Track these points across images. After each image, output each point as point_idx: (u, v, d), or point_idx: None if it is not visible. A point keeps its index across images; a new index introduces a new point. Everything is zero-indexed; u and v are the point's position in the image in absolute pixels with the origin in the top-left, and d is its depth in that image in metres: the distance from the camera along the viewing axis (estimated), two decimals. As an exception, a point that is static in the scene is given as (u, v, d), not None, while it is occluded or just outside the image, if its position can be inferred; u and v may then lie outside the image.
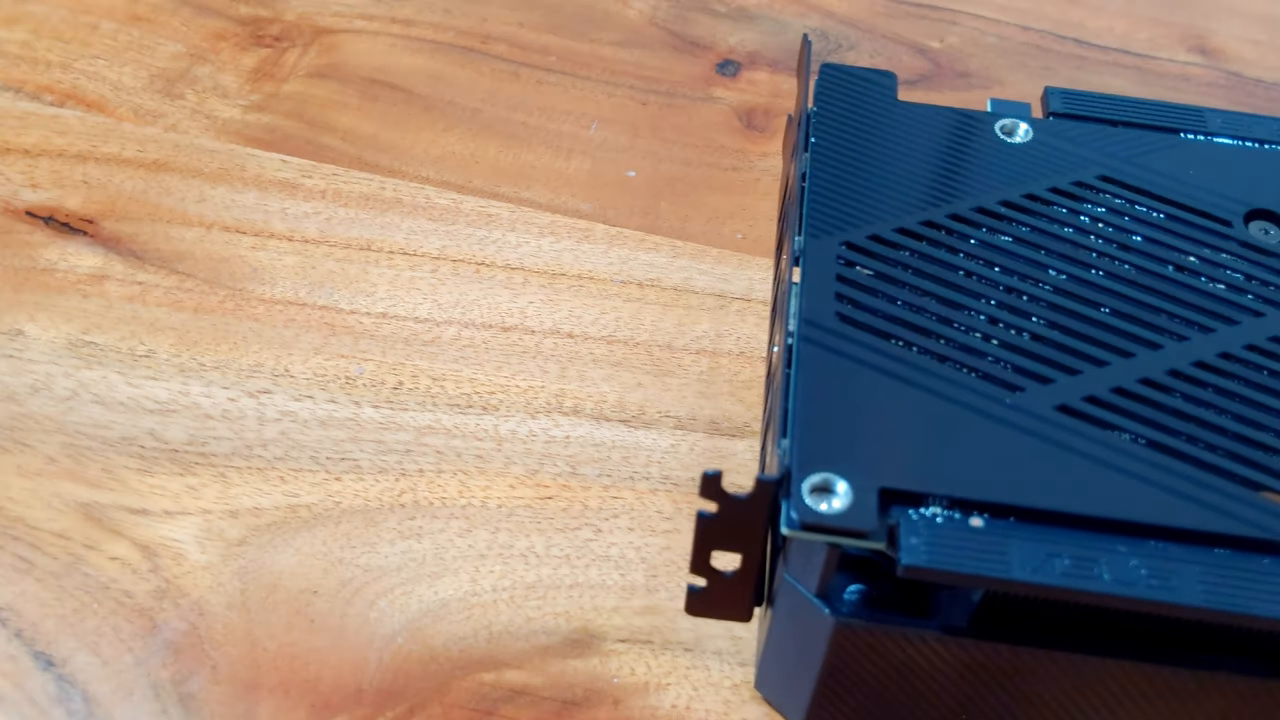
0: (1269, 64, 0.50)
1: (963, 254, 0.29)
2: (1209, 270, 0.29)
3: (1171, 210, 0.30)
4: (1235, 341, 0.28)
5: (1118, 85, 0.48)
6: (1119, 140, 0.32)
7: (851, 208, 0.30)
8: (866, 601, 0.26)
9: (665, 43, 0.48)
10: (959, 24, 0.50)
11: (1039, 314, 0.28)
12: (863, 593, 0.27)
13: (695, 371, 0.37)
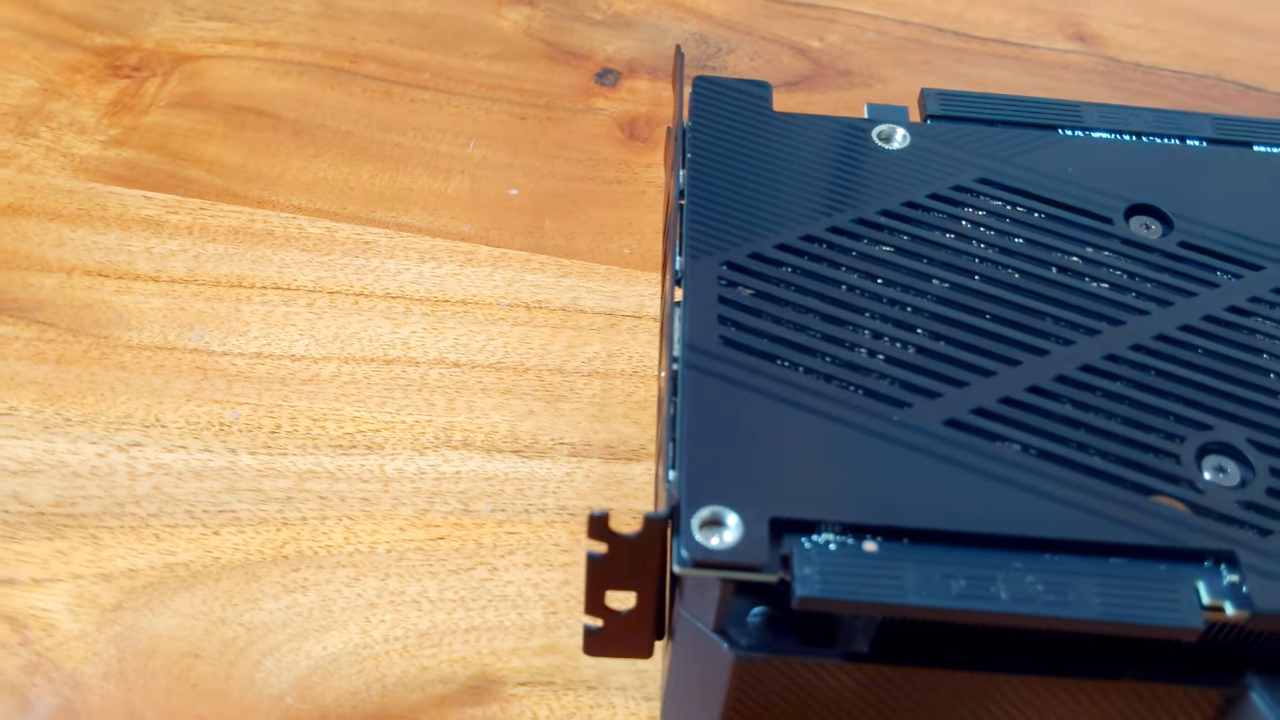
0: (1146, 47, 0.50)
1: (844, 268, 0.29)
2: (1092, 270, 0.29)
3: (1052, 210, 0.30)
4: (1121, 342, 0.28)
5: (998, 76, 0.48)
6: (997, 141, 0.32)
7: (731, 226, 0.29)
8: (768, 629, 0.26)
9: (542, 54, 0.47)
10: (838, 21, 0.49)
11: (924, 326, 0.28)
12: (765, 616, 0.26)
13: (588, 395, 0.36)
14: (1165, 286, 0.29)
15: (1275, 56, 0.51)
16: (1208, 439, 0.26)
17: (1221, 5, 0.53)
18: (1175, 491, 0.25)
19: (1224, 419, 0.26)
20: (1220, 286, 0.29)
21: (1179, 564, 0.24)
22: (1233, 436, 0.26)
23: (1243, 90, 0.49)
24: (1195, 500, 0.25)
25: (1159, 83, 0.49)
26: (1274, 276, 0.29)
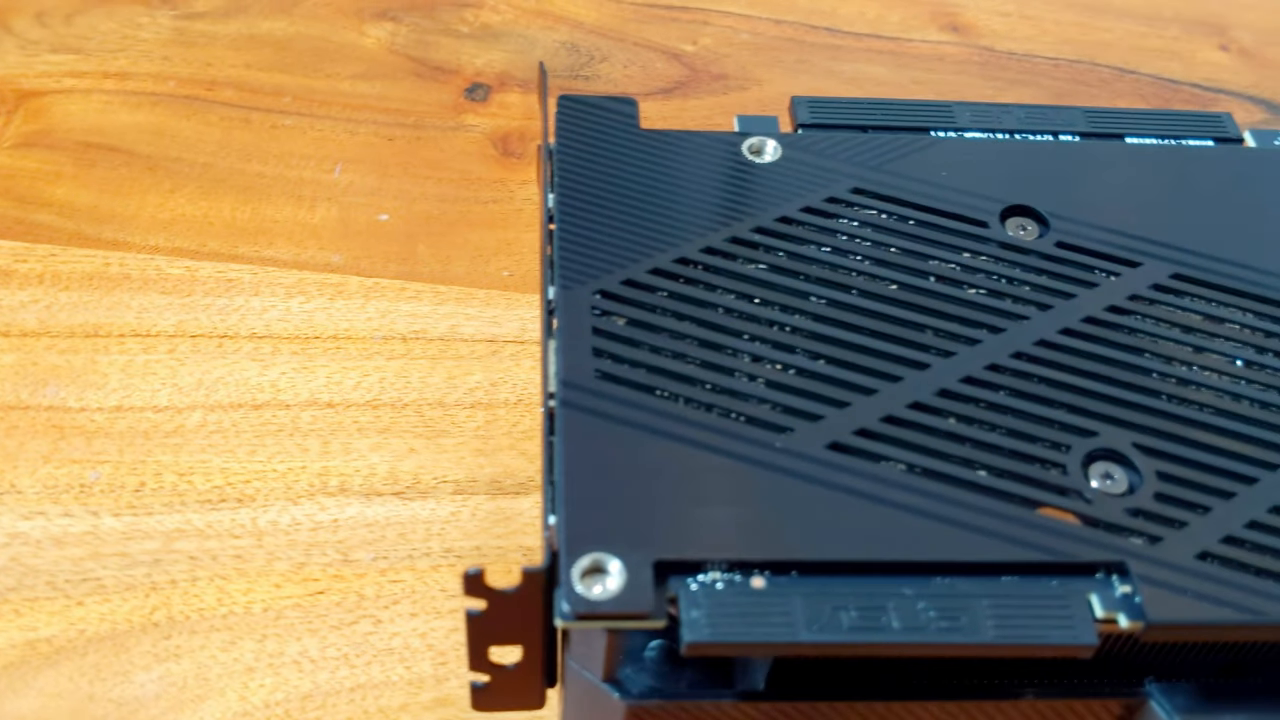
0: (1019, 35, 0.51)
1: (720, 289, 0.28)
2: (969, 277, 0.29)
3: (927, 217, 0.30)
4: (1002, 351, 0.27)
5: (873, 73, 0.48)
6: (870, 147, 0.31)
7: (603, 251, 0.28)
8: (664, 664, 0.25)
9: (408, 71, 0.46)
10: (711, 24, 0.49)
11: (803, 345, 0.27)
12: (663, 650, 0.26)
13: (471, 428, 0.35)
14: (1044, 290, 0.29)
15: (1147, 38, 0.51)
16: (1094, 446, 0.26)
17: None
18: (1063, 503, 0.25)
19: (1109, 424, 0.26)
20: (1099, 286, 0.29)
21: (1071, 578, 0.24)
22: (1118, 442, 0.26)
23: (1116, 74, 0.49)
24: (1084, 511, 0.25)
25: (1033, 70, 0.49)
26: (1152, 273, 0.29)
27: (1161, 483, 0.25)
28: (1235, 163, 0.32)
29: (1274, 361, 0.28)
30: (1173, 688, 0.26)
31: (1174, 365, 0.28)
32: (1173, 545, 0.24)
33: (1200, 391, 0.27)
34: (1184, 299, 0.29)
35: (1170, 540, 0.24)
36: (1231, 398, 0.27)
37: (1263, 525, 0.25)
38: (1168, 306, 0.29)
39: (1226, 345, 0.28)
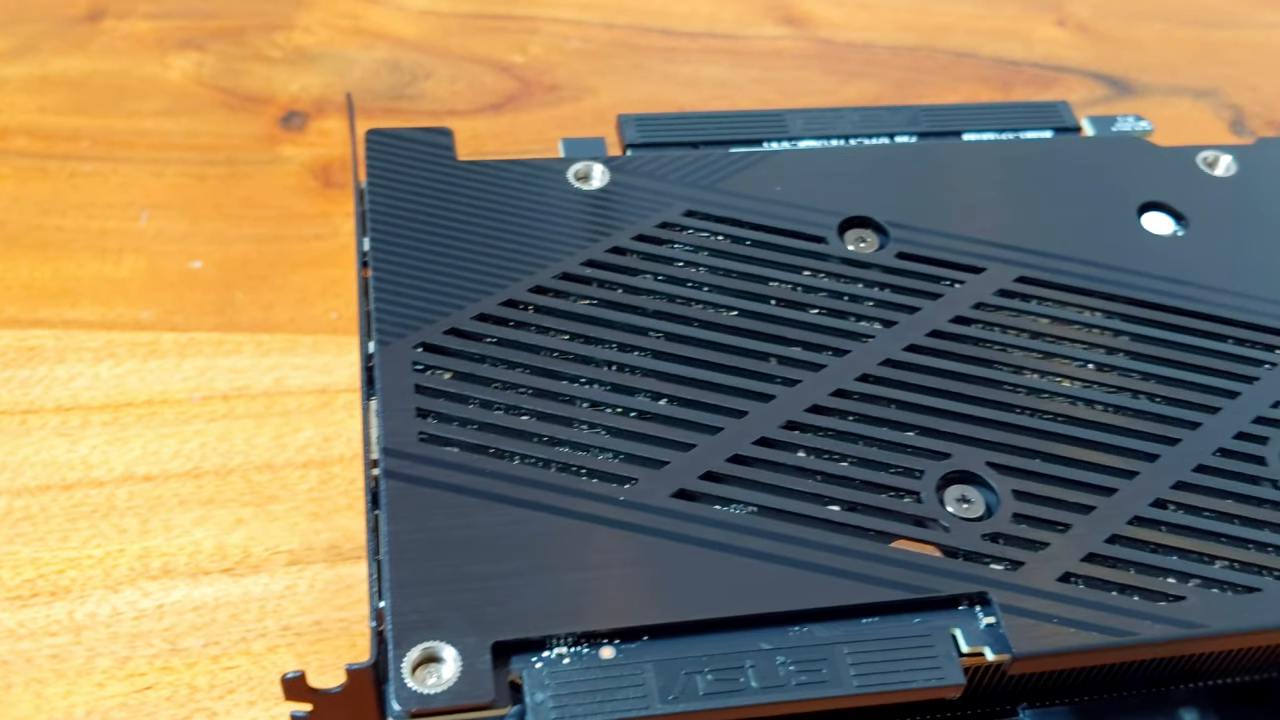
0: (857, 24, 0.50)
1: (552, 331, 0.27)
2: (811, 298, 0.28)
3: (763, 237, 0.29)
4: (847, 374, 0.27)
5: (711, 73, 0.47)
6: (701, 165, 0.30)
7: (424, 299, 0.27)
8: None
9: (218, 103, 0.43)
10: (540, 31, 0.48)
11: (644, 386, 0.26)
12: (522, 718, 0.24)
13: (303, 490, 0.33)
14: (887, 305, 0.28)
15: (985, 19, 0.52)
16: (948, 469, 0.25)
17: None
18: (920, 534, 0.24)
19: (961, 444, 0.26)
20: (943, 297, 0.28)
21: (934, 613, 0.23)
22: (972, 462, 0.25)
23: (956, 58, 0.49)
24: (942, 541, 0.24)
25: (873, 60, 0.49)
26: (996, 278, 0.29)
27: (1019, 502, 0.25)
28: (1073, 153, 0.32)
29: (1124, 361, 0.28)
30: (1046, 713, 0.25)
31: (1024, 375, 0.27)
32: (1034, 569, 0.24)
33: (1052, 400, 0.27)
34: (1030, 302, 0.29)
35: (1032, 564, 0.24)
36: (1084, 404, 0.27)
37: (1124, 538, 0.25)
38: (1014, 312, 0.28)
39: (1076, 348, 0.28)
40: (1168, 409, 0.27)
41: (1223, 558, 0.25)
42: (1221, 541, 0.25)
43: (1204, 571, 0.24)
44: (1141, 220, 0.31)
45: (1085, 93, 0.49)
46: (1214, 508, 0.25)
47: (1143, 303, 0.29)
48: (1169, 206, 0.31)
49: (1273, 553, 0.25)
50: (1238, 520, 0.25)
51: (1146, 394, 0.27)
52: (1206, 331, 0.28)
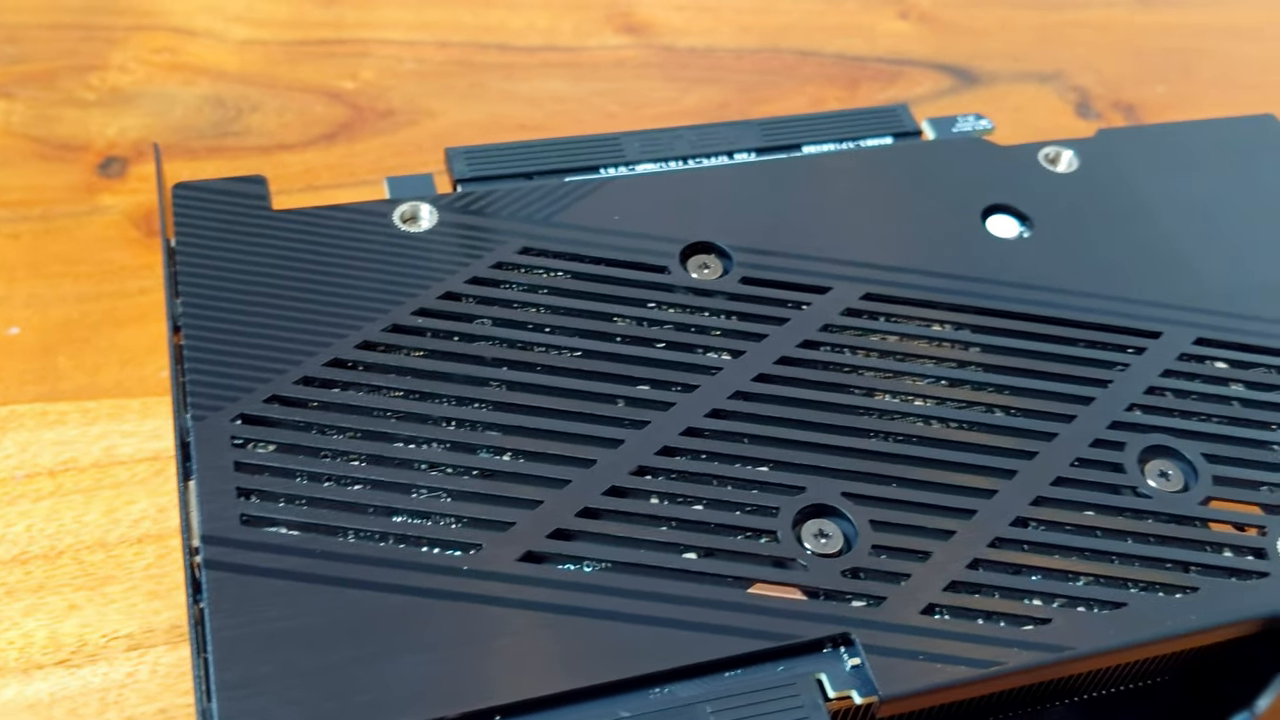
0: (699, 29, 0.49)
1: (383, 390, 0.25)
2: (656, 332, 0.27)
3: (603, 271, 0.28)
4: (696, 411, 0.26)
5: (552, 88, 0.46)
6: (536, 198, 0.29)
7: (242, 365, 0.25)
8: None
9: (29, 153, 0.41)
10: (371, 54, 0.46)
11: (485, 442, 0.25)
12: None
13: (140, 567, 0.31)
14: (734, 334, 0.27)
15: (827, 15, 0.51)
16: (803, 503, 0.25)
17: (765, -30, 0.53)
18: (780, 576, 0.24)
19: (815, 475, 0.25)
20: (790, 321, 0.28)
21: (798, 658, 0.23)
22: (827, 494, 0.25)
23: (800, 57, 0.49)
24: (802, 581, 0.23)
25: (717, 65, 0.48)
26: (843, 296, 0.28)
27: (877, 533, 0.24)
28: (915, 159, 0.32)
29: (976, 374, 0.27)
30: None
31: (876, 397, 0.27)
32: (897, 603, 0.23)
33: (906, 421, 0.26)
34: (878, 320, 0.28)
35: (894, 598, 0.23)
36: (939, 423, 0.26)
37: (986, 562, 0.24)
38: (861, 331, 0.28)
39: (927, 364, 0.27)
40: (1023, 421, 0.26)
41: (1087, 573, 0.24)
42: (1085, 556, 0.24)
43: (1069, 590, 0.24)
44: (986, 224, 0.30)
45: (931, 85, 0.48)
46: (1075, 521, 0.25)
47: (991, 311, 0.28)
48: (1013, 208, 0.31)
49: (1137, 564, 0.24)
50: (1100, 533, 0.25)
51: (1001, 407, 0.27)
52: (1057, 336, 0.28)
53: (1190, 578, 0.24)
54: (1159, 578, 0.24)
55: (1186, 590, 0.24)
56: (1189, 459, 0.26)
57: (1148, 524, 0.25)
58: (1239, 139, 0.34)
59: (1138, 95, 0.50)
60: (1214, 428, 0.27)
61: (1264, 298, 0.30)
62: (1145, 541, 0.25)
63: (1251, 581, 0.24)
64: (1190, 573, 0.25)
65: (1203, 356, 0.28)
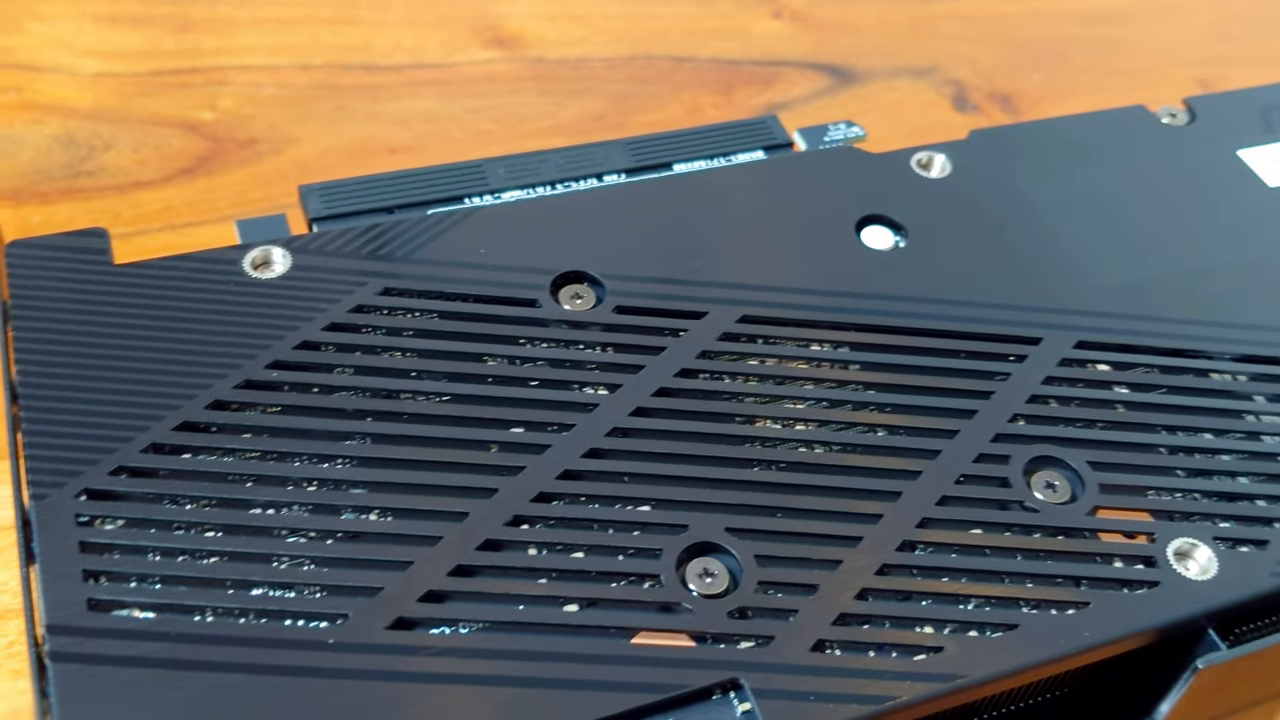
0: (570, 39, 0.48)
1: (238, 453, 0.24)
2: (529, 370, 0.26)
3: (470, 308, 0.27)
4: (573, 451, 0.25)
5: (422, 108, 0.44)
6: (397, 234, 0.28)
7: (85, 435, 0.24)
8: None
9: None
10: (229, 82, 0.44)
11: (350, 501, 0.24)
12: None
13: (2, 645, 0.29)
14: (610, 367, 0.26)
15: (700, 19, 0.50)
16: (687, 542, 0.24)
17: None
18: (664, 623, 0.23)
19: (697, 511, 0.24)
20: (667, 350, 0.27)
21: (688, 709, 0.22)
22: (710, 531, 0.24)
23: (675, 63, 0.48)
24: (688, 626, 0.23)
25: (590, 75, 0.47)
26: (719, 321, 0.27)
27: (763, 568, 0.23)
28: (787, 172, 0.31)
29: (857, 394, 0.27)
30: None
31: (757, 424, 0.26)
32: (785, 642, 0.22)
33: (788, 448, 0.26)
34: (756, 343, 0.27)
35: (782, 637, 0.23)
36: (822, 447, 0.26)
37: (874, 591, 0.24)
38: (738, 356, 0.27)
39: (807, 387, 0.27)
40: (906, 440, 0.26)
41: (978, 595, 0.24)
42: (975, 578, 0.24)
43: (959, 615, 0.23)
44: (861, 236, 0.30)
45: (808, 86, 0.48)
46: (963, 542, 0.24)
47: (869, 327, 0.28)
48: (887, 218, 0.30)
49: (1028, 582, 0.24)
50: (989, 551, 0.24)
51: (884, 426, 0.26)
52: (937, 349, 0.28)
53: (1081, 592, 0.24)
54: (1050, 595, 0.24)
55: (1078, 606, 0.24)
56: (1075, 468, 0.26)
57: (1036, 539, 0.25)
58: (1111, 132, 0.34)
59: (1014, 85, 0.50)
60: (1098, 434, 0.27)
61: (1144, 294, 0.30)
62: (1034, 557, 0.24)
63: (1143, 592, 0.24)
64: (1081, 587, 0.24)
65: (1084, 360, 0.28)
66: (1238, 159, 0.34)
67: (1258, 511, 0.26)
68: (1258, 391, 0.28)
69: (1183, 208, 0.32)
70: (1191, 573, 0.24)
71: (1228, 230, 0.32)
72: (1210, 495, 0.26)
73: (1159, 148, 0.34)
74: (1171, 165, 0.33)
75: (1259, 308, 0.30)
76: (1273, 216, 0.32)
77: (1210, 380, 0.28)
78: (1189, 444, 0.27)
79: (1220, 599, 0.24)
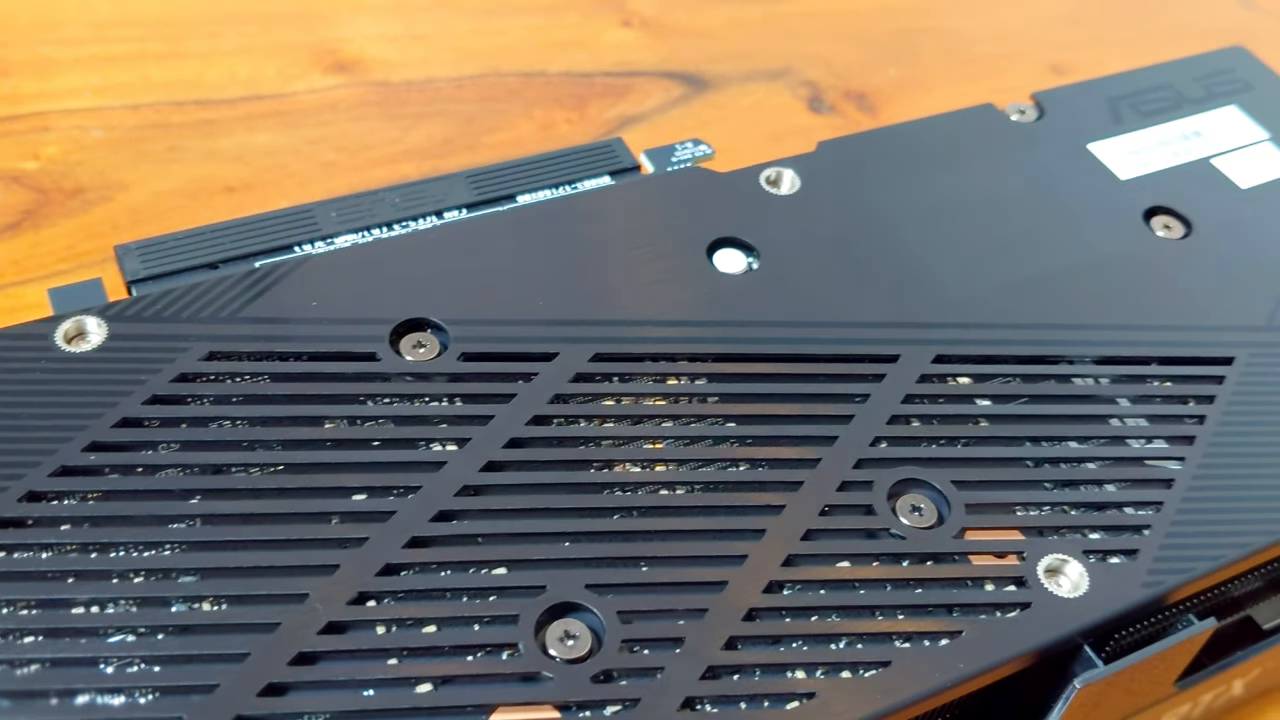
0: (414, 60, 0.47)
1: (53, 548, 0.22)
2: (370, 431, 0.25)
3: (305, 367, 0.26)
4: (421, 517, 0.24)
5: (261, 142, 0.42)
6: (222, 291, 0.27)
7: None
8: None
9: None
10: (52, 128, 0.42)
11: (179, 592, 0.22)
12: None
13: None
14: (458, 420, 0.25)
15: (549, 31, 0.49)
16: (545, 604, 0.23)
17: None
18: (525, 695, 0.22)
19: (554, 569, 0.23)
20: (517, 396, 0.26)
21: (552, 786, 0.21)
22: (570, 590, 0.23)
23: (524, 79, 0.47)
24: (550, 697, 0.22)
25: (437, 97, 0.45)
26: (570, 361, 0.26)
27: (626, 625, 0.23)
28: (635, 198, 0.30)
29: (716, 429, 0.26)
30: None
31: (616, 469, 0.25)
32: (653, 703, 0.22)
33: (648, 492, 0.25)
34: (611, 382, 0.26)
35: (649, 698, 0.22)
36: (684, 488, 0.25)
37: (743, 638, 0.23)
38: (591, 398, 0.26)
39: (665, 425, 0.26)
40: (767, 473, 0.25)
41: (848, 633, 0.23)
42: (845, 614, 0.23)
43: (831, 655, 0.23)
44: (713, 260, 0.29)
45: (662, 95, 0.47)
46: (830, 577, 0.24)
47: (725, 356, 0.27)
48: (738, 240, 0.29)
49: (899, 614, 0.23)
50: (857, 585, 0.24)
51: (745, 460, 0.25)
52: (794, 374, 0.27)
53: (954, 620, 0.23)
54: (922, 626, 0.23)
55: (951, 635, 0.23)
56: (940, 489, 0.25)
57: (905, 568, 0.24)
58: (960, 134, 0.33)
59: (868, 82, 0.49)
60: (962, 451, 0.26)
61: (1002, 301, 0.29)
62: (904, 587, 0.24)
63: (1015, 614, 0.24)
64: (954, 615, 0.24)
65: (944, 375, 0.27)
66: (1089, 153, 0.34)
67: (1126, 519, 0.25)
68: (1120, 394, 0.28)
69: (1037, 208, 0.32)
70: (1063, 590, 0.24)
71: (1083, 228, 0.31)
72: (1079, 506, 0.26)
73: (1009, 147, 0.33)
74: (1023, 164, 0.33)
75: (1117, 306, 0.30)
76: (1126, 211, 0.32)
77: (1072, 386, 0.28)
78: (1054, 454, 0.26)
79: (1093, 616, 0.24)
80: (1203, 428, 0.27)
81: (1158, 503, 0.26)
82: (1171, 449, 0.27)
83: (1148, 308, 0.30)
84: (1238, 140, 0.35)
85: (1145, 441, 0.27)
